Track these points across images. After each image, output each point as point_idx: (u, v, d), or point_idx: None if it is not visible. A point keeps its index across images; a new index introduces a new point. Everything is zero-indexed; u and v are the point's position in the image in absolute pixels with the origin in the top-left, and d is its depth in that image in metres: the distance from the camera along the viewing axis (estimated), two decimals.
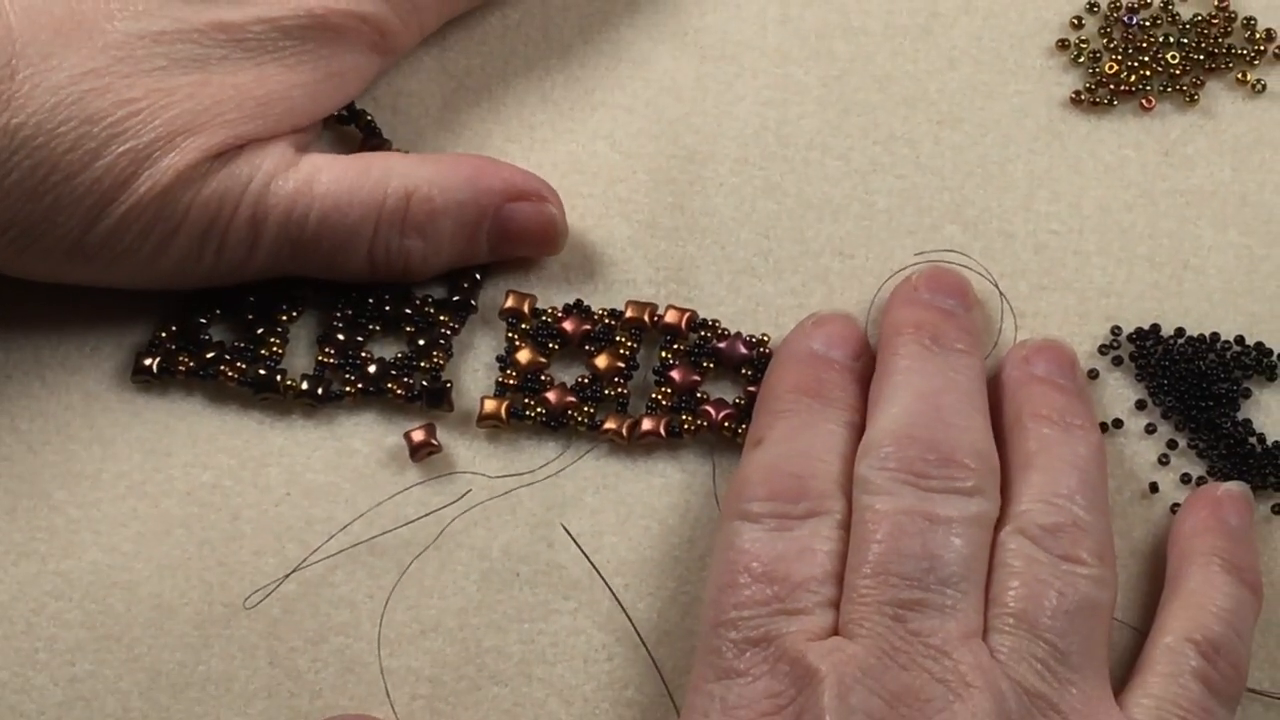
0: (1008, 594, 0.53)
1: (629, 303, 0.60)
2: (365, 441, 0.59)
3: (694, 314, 0.60)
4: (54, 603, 0.57)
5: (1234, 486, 0.57)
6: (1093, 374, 0.60)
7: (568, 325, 0.60)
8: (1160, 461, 0.59)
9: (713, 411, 0.59)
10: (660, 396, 0.59)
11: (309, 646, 0.57)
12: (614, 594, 0.57)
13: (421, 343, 0.60)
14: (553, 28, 0.64)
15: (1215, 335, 0.60)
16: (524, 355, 0.60)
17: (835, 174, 0.62)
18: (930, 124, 0.63)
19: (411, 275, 0.60)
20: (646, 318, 0.60)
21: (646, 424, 0.59)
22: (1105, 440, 0.58)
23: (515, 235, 0.60)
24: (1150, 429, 0.59)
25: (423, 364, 0.60)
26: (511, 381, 0.60)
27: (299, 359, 0.60)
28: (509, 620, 0.57)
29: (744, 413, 0.59)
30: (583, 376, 0.60)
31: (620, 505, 0.59)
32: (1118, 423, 0.59)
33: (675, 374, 0.59)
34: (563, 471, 0.59)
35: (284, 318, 0.60)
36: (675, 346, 0.60)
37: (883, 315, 0.59)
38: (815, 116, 0.63)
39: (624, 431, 0.59)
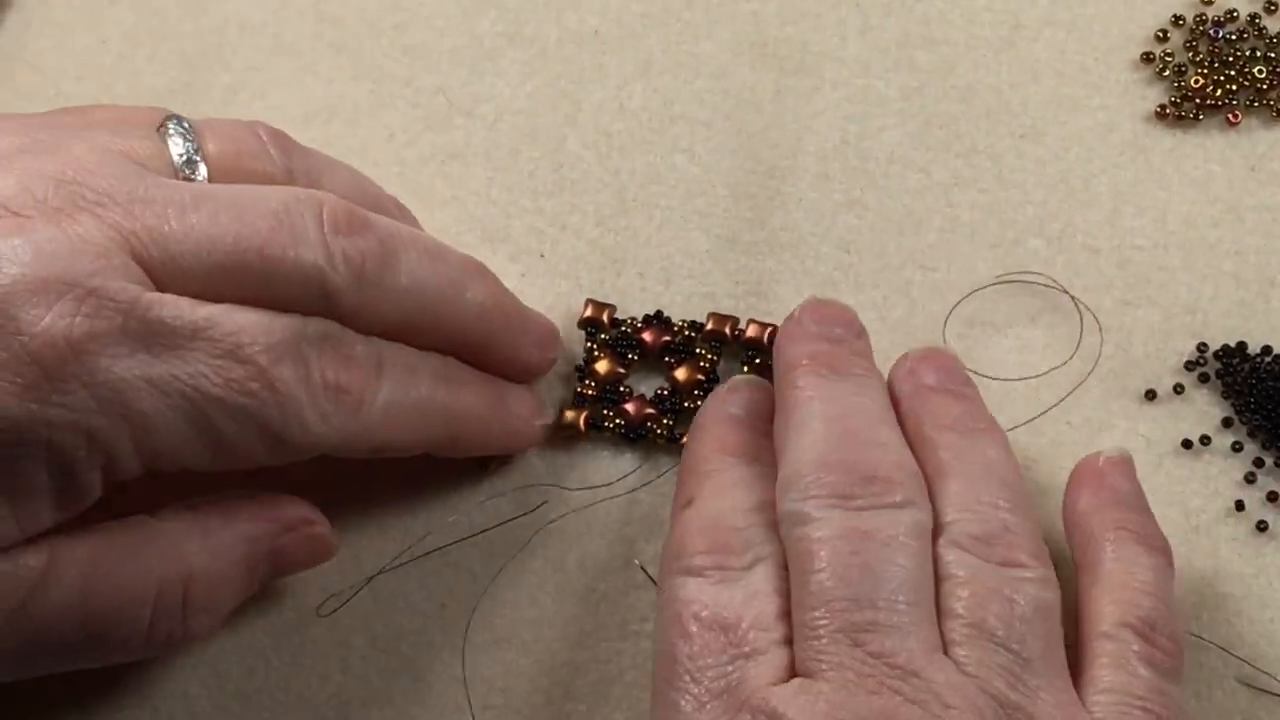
0: (959, 604, 0.51)
1: (710, 314, 0.59)
2: None
3: (776, 329, 0.59)
4: None
5: (1112, 450, 0.56)
6: (1178, 390, 0.59)
7: (647, 336, 0.59)
8: (1246, 480, 0.58)
9: None
10: None
11: (380, 655, 0.56)
12: None
13: None
14: (632, 37, 0.64)
15: None
16: (603, 365, 0.59)
17: (916, 187, 0.62)
18: (1013, 137, 0.62)
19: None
20: (728, 330, 0.59)
21: None
22: (1190, 458, 0.58)
23: (288, 568, 0.56)
24: (1237, 447, 0.58)
25: None
26: (590, 392, 0.59)
27: None
28: (586, 636, 0.57)
29: None
30: (662, 388, 0.59)
31: None
32: (1205, 440, 0.58)
33: None
34: (642, 487, 0.58)
35: None
36: (757, 361, 0.59)
37: (774, 357, 0.57)
38: (896, 129, 0.62)
39: None
